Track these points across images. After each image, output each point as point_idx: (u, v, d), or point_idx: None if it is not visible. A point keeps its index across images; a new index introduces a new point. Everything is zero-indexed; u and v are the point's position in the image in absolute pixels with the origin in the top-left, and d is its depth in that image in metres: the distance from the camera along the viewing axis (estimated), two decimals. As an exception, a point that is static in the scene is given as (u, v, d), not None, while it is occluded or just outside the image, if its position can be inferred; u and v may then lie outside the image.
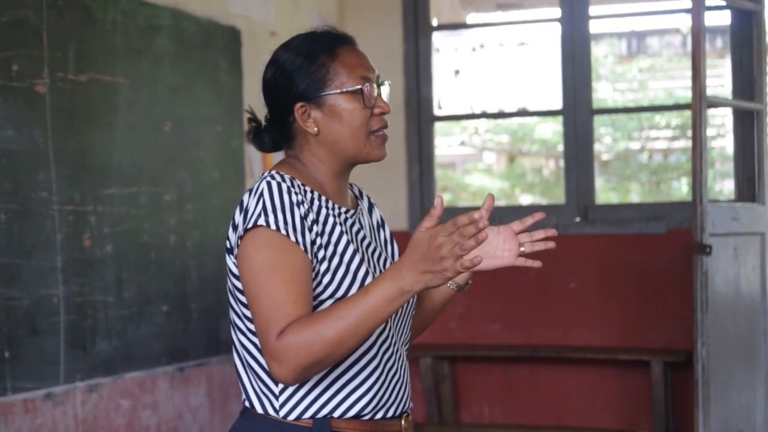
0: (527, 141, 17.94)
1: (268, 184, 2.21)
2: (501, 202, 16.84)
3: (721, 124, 16.06)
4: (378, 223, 2.49)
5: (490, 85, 17.87)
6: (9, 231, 4.00)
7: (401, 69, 6.21)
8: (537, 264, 2.27)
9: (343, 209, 2.34)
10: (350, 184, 2.47)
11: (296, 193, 2.22)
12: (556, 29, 6.20)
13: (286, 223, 2.17)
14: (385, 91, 2.35)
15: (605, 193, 16.64)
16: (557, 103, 6.32)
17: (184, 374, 4.92)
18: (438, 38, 16.57)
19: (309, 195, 2.27)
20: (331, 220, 2.28)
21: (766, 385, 5.44)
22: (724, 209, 5.30)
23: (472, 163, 19.26)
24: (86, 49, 4.40)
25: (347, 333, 2.08)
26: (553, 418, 6.12)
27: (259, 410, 2.27)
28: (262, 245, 2.16)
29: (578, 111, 6.12)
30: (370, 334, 2.13)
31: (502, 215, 6.34)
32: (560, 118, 6.39)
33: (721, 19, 6.11)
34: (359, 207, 2.44)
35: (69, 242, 4.27)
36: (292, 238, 2.16)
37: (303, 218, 2.20)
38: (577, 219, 6.09)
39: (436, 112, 6.52)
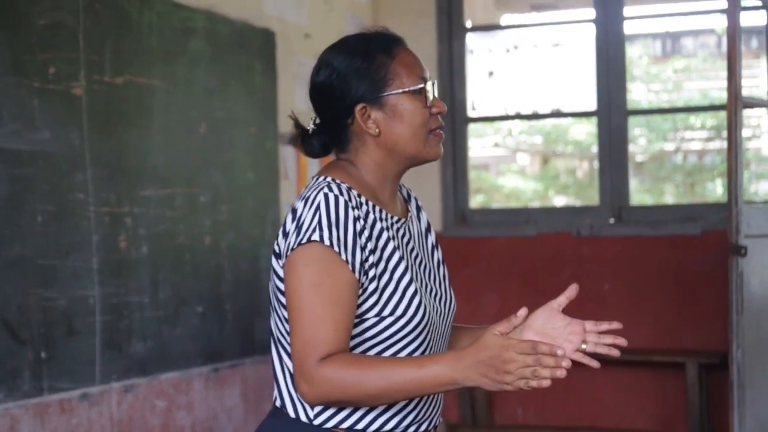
0: (561, 142, 17.91)
1: (326, 196, 2.17)
2: (534, 204, 16.81)
3: (756, 125, 15.98)
4: (426, 228, 2.45)
5: (524, 86, 17.84)
6: (46, 232, 4.03)
7: (435, 70, 6.22)
8: (594, 364, 2.23)
9: (395, 218, 2.31)
10: (399, 185, 2.42)
11: (353, 208, 2.18)
12: (591, 30, 6.19)
13: (339, 240, 2.14)
14: (436, 90, 2.33)
15: (640, 194, 16.59)
16: (591, 105, 6.31)
17: (219, 375, 4.94)
18: (472, 39, 16.50)
19: (364, 207, 2.23)
20: (384, 234, 2.24)
21: (803, 387, 5.41)
22: (759, 210, 5.27)
23: (505, 165, 19.23)
24: (122, 52, 4.43)
25: (385, 393, 2.10)
26: (587, 419, 6.11)
27: (291, 414, 2.25)
28: (312, 261, 2.14)
29: (613, 112, 6.11)
30: (405, 401, 2.18)
31: (536, 217, 6.34)
32: (594, 120, 6.38)
33: (757, 19, 6.07)
34: (409, 214, 2.40)
35: (105, 243, 4.30)
36: (343, 257, 2.14)
37: (357, 235, 2.17)
38: (612, 220, 6.08)
39: (470, 113, 6.52)
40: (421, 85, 2.27)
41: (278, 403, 2.29)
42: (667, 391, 5.93)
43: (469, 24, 6.67)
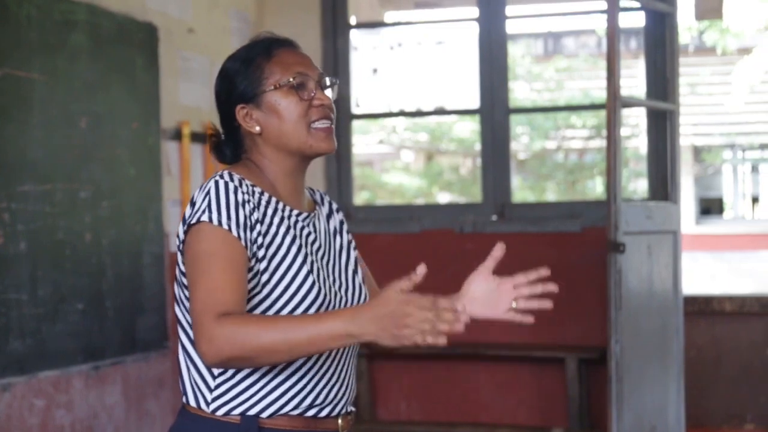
0: (445, 140, 18.04)
1: (216, 182, 2.25)
2: (419, 200, 16.91)
3: (635, 125, 16.28)
4: (335, 229, 2.51)
5: (408, 83, 17.93)
6: None
7: (319, 67, 6.20)
8: (528, 320, 2.29)
9: (295, 212, 2.37)
10: (312, 190, 2.52)
11: (243, 192, 2.25)
12: (474, 29, 6.24)
13: (229, 218, 2.21)
14: (330, 89, 2.42)
15: (522, 191, 16.80)
16: (475, 103, 6.36)
17: (99, 373, 4.88)
18: (356, 36, 16.53)
19: (257, 196, 2.30)
20: (276, 220, 2.31)
21: (678, 381, 5.53)
22: (637, 208, 5.38)
23: (390, 162, 19.33)
24: (0, 44, 4.34)
25: (281, 347, 2.10)
26: (469, 414, 6.16)
27: (192, 404, 2.31)
28: (203, 237, 2.21)
29: (495, 110, 6.17)
30: (304, 357, 2.20)
31: (420, 214, 6.38)
32: (477, 117, 6.44)
33: (636, 20, 6.19)
34: (315, 212, 2.46)
35: (-18, 240, 4.21)
36: (234, 233, 2.21)
37: (247, 216, 2.24)
38: (494, 217, 6.14)
39: (354, 110, 6.53)
40: (291, 79, 2.35)
41: (184, 399, 2.35)
42: (547, 385, 6.01)
43: (353, 21, 6.68)
